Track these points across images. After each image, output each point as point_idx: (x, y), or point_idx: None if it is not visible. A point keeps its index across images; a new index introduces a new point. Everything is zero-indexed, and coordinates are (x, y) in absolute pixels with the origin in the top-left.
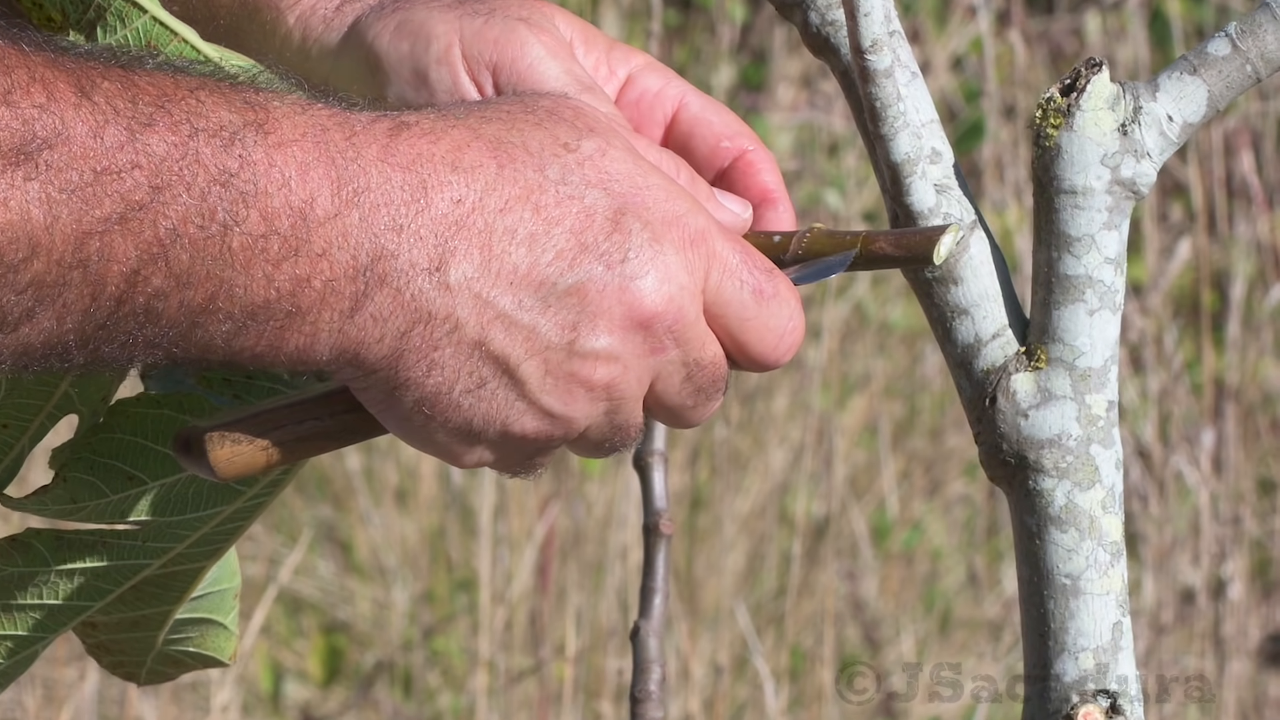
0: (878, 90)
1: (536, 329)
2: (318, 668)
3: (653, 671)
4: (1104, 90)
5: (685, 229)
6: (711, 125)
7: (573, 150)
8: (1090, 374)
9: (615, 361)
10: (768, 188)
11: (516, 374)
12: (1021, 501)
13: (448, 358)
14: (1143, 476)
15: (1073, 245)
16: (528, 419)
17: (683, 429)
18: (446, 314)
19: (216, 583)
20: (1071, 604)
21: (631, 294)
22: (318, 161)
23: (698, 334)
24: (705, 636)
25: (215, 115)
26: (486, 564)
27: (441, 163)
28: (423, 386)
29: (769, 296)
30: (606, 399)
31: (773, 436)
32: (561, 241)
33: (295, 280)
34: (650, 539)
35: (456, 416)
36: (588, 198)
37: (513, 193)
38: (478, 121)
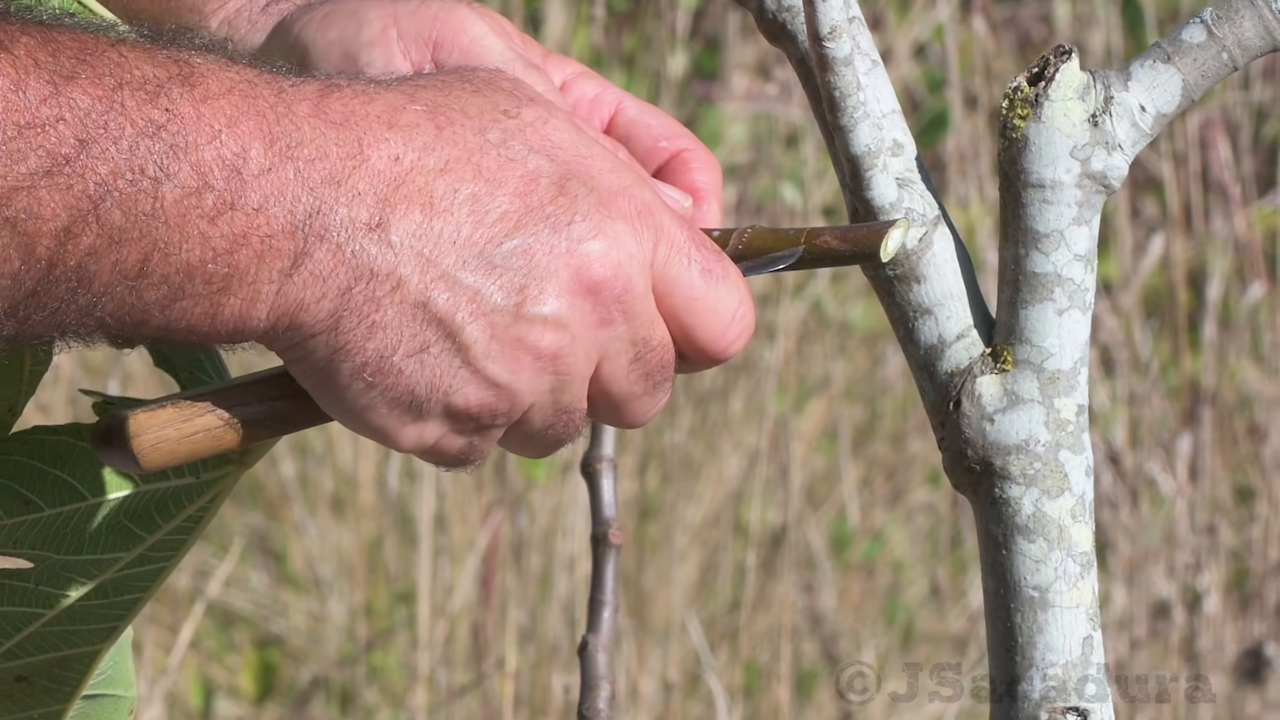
0: (836, 79)
1: (481, 291)
2: (250, 684)
3: (601, 689)
4: (1073, 79)
5: (633, 200)
6: (650, 127)
7: (513, 117)
8: (1059, 376)
9: (563, 329)
10: (696, 185)
11: (460, 337)
12: (987, 510)
13: (390, 318)
14: (1114, 484)
15: (1041, 242)
16: (471, 389)
17: (626, 428)
18: (389, 271)
19: (110, 684)
20: (1040, 617)
21: (579, 257)
22: (247, 115)
23: (646, 309)
24: (656, 652)
25: (139, 69)
26: (426, 575)
27: (377, 121)
28: (363, 350)
29: (718, 276)
30: (553, 371)
31: (727, 442)
32: (505, 203)
33: (231, 238)
34: (598, 549)
35: (398, 384)
36: (531, 162)
37: (453, 154)
38: (412, 87)
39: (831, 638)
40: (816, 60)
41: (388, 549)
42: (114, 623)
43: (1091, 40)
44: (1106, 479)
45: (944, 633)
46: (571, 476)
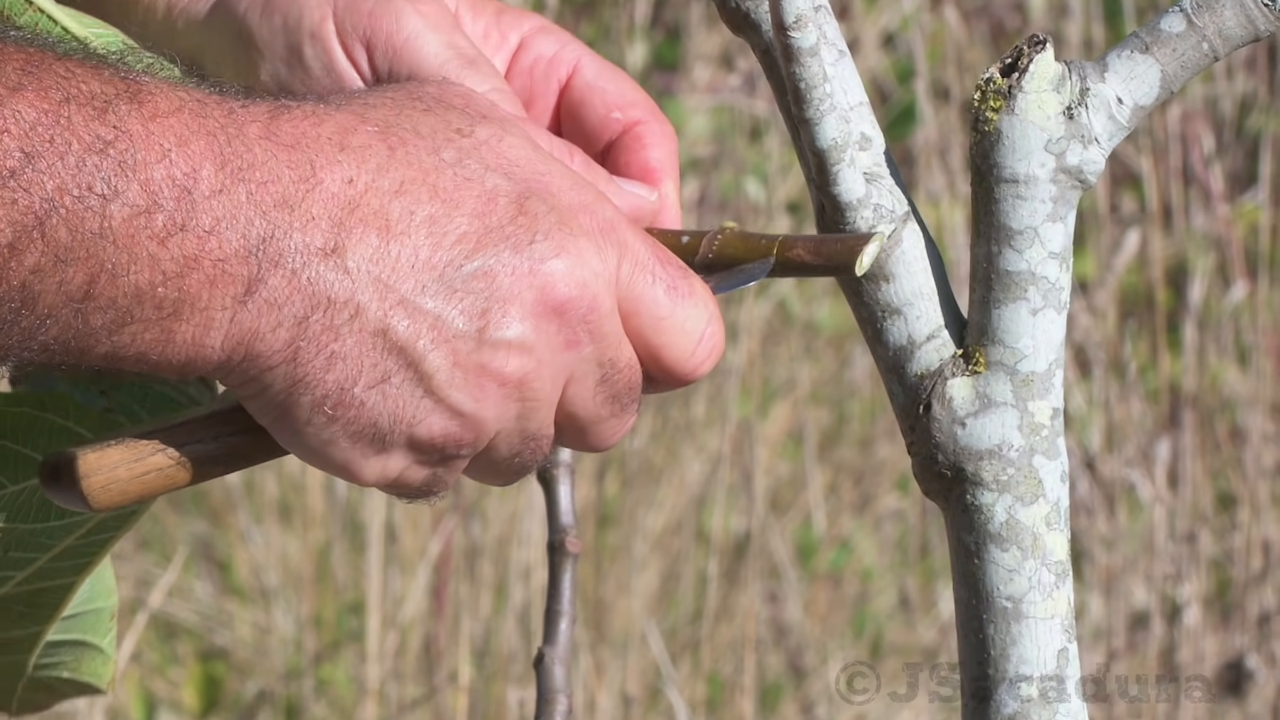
0: (802, 70)
1: (442, 316)
2: (194, 698)
3: (558, 702)
4: (1048, 70)
5: (594, 216)
6: (604, 94)
7: (467, 135)
8: (1033, 379)
9: (529, 353)
10: (650, 165)
11: (422, 365)
12: (959, 517)
13: (349, 348)
14: (1091, 490)
15: (1014, 239)
16: (435, 418)
17: (591, 451)
18: (346, 298)
19: (90, 600)
20: (1013, 629)
21: (543, 277)
22: (197, 135)
23: (613, 329)
24: (615, 664)
25: (86, 84)
26: (376, 585)
27: (328, 143)
28: (323, 383)
29: (684, 295)
30: (519, 398)
31: (688, 446)
32: (464, 224)
33: (182, 261)
34: (555, 558)
35: (360, 416)
36: (488, 180)
37: (407, 174)
38: (361, 107)
39: (797, 649)
40: (781, 50)
41: (336, 558)
42: (90, 557)
43: (1067, 30)
44: (1082, 485)
45: (914, 644)
46: (527, 482)
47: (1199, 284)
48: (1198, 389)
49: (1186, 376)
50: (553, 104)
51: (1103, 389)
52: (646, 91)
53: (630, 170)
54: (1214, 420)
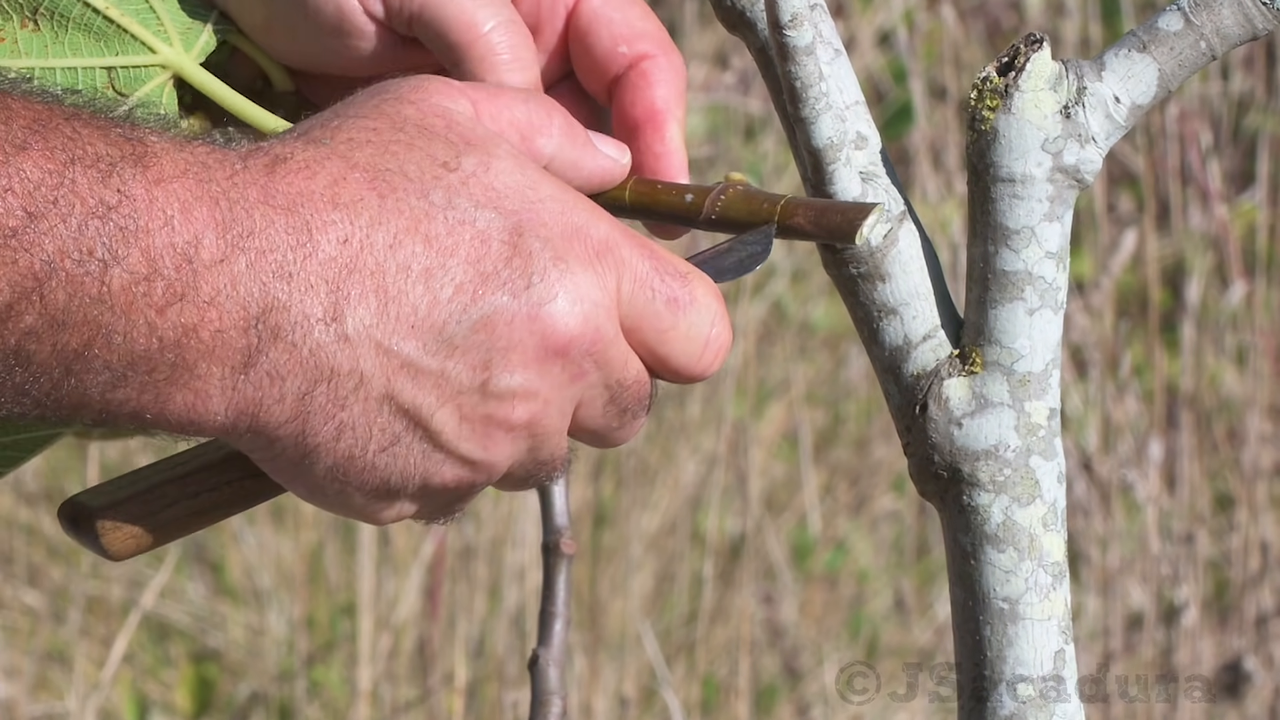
0: (798, 69)
1: (446, 374)
2: (186, 699)
3: (553, 704)
4: (1045, 69)
5: (589, 240)
6: (611, 24)
7: (454, 170)
8: (1030, 379)
9: (534, 397)
10: (655, 105)
11: (430, 425)
12: (955, 518)
13: (357, 416)
14: (1087, 491)
15: (1011, 238)
16: (447, 469)
17: (606, 449)
18: (350, 368)
19: None
20: (1010, 630)
21: (543, 321)
22: (200, 201)
23: (619, 353)
24: (609, 666)
25: (92, 146)
26: (369, 586)
27: (322, 200)
28: (334, 451)
29: (685, 304)
30: (529, 436)
31: (683, 447)
32: (459, 273)
33: (181, 329)
34: (550, 559)
35: (372, 477)
36: (480, 220)
37: (400, 225)
38: (347, 147)
39: (792, 651)
40: (777, 49)
41: (329, 559)
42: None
43: (1064, 28)
44: (1079, 486)
45: (910, 646)
46: None
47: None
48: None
49: (1184, 377)
50: (560, 30)
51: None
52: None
53: (635, 110)
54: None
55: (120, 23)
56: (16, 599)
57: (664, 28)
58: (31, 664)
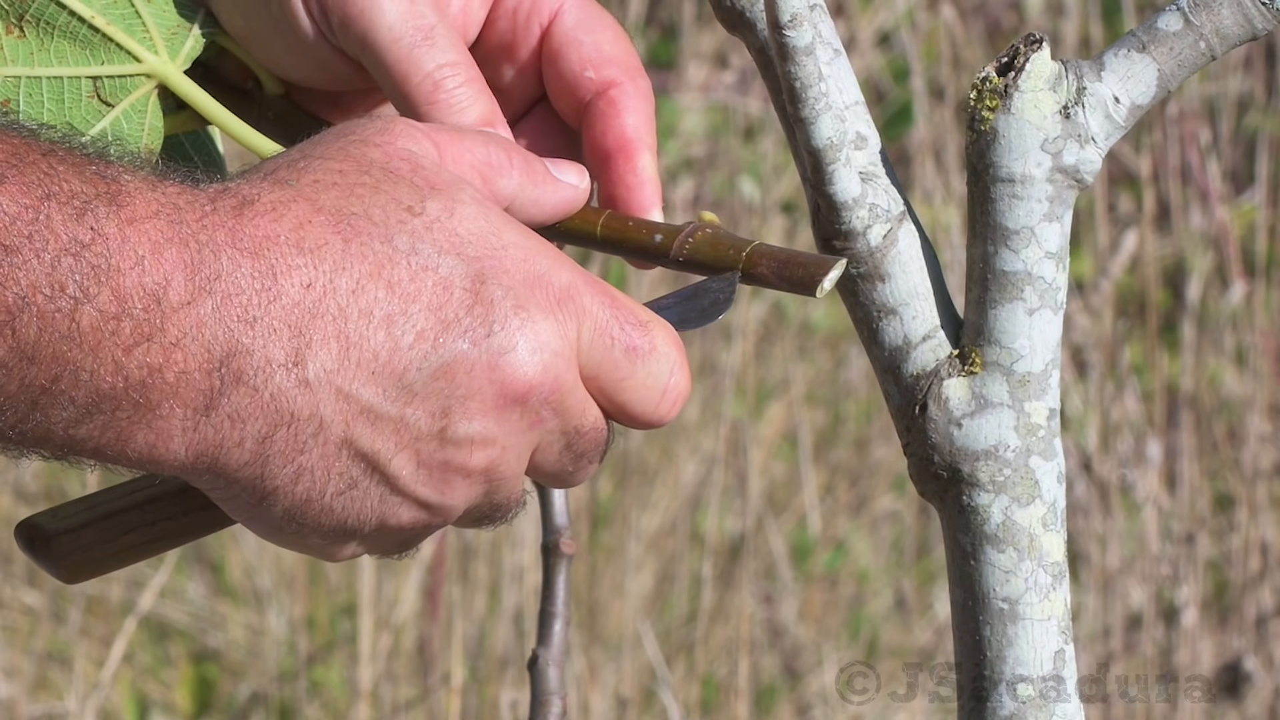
0: (797, 69)
1: (405, 420)
2: (186, 700)
3: (552, 705)
4: (1044, 69)
5: (550, 288)
6: (580, 48)
7: (418, 214)
8: (1030, 379)
9: (492, 444)
10: (625, 135)
11: (388, 470)
12: (955, 519)
13: (315, 461)
14: (1087, 491)
15: (1010, 238)
16: (404, 511)
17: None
18: (310, 413)
19: None
20: (1009, 630)
21: (502, 370)
22: (171, 242)
23: (577, 401)
24: (609, 666)
25: (68, 183)
26: (369, 587)
27: (287, 244)
28: (292, 494)
29: (644, 354)
30: (485, 481)
31: (683, 447)
32: (421, 320)
33: (147, 369)
34: (550, 559)
35: (330, 520)
36: (442, 267)
37: (363, 270)
38: (313, 189)
39: (792, 651)
40: (776, 49)
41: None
42: None
43: (1064, 28)
44: (1079, 486)
45: (910, 646)
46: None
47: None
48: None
49: (1184, 377)
50: (534, 49)
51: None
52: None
53: (606, 140)
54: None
55: (106, 31)
56: (16, 599)
57: (635, 53)
58: (31, 664)
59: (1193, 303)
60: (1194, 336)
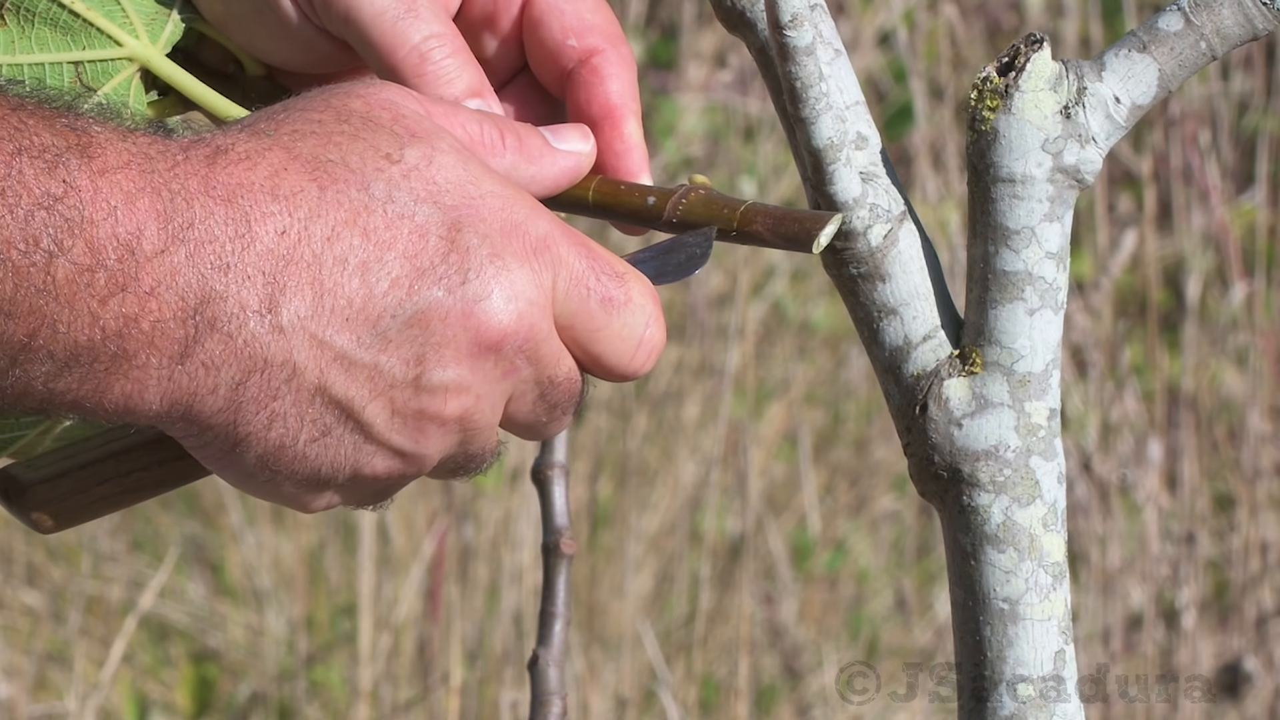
0: (798, 69)
1: (379, 367)
2: (186, 700)
3: (553, 704)
4: (1045, 69)
5: (526, 237)
6: (561, 16)
7: (396, 161)
8: (1030, 379)
9: (466, 392)
10: (610, 101)
11: (362, 416)
12: (955, 519)
13: (288, 407)
14: (1087, 491)
15: (1011, 238)
16: (378, 460)
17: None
18: (283, 359)
19: None
20: (1010, 630)
21: (477, 318)
22: (143, 191)
23: (551, 350)
24: (609, 666)
25: (38, 136)
26: (369, 587)
27: (261, 191)
28: (265, 441)
29: (620, 304)
30: (460, 430)
31: (683, 448)
32: (396, 268)
33: (123, 319)
34: (550, 559)
35: (303, 467)
36: (419, 215)
37: (338, 217)
38: (290, 138)
39: (792, 651)
40: (777, 49)
41: (329, 559)
42: None
43: (1064, 29)
44: (1079, 486)
45: (910, 646)
46: (521, 484)
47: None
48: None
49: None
50: (515, 19)
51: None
52: (641, 90)
53: (591, 108)
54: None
55: (86, 16)
56: (16, 599)
57: (615, 20)
58: (31, 664)
59: (1193, 302)
60: (1194, 336)
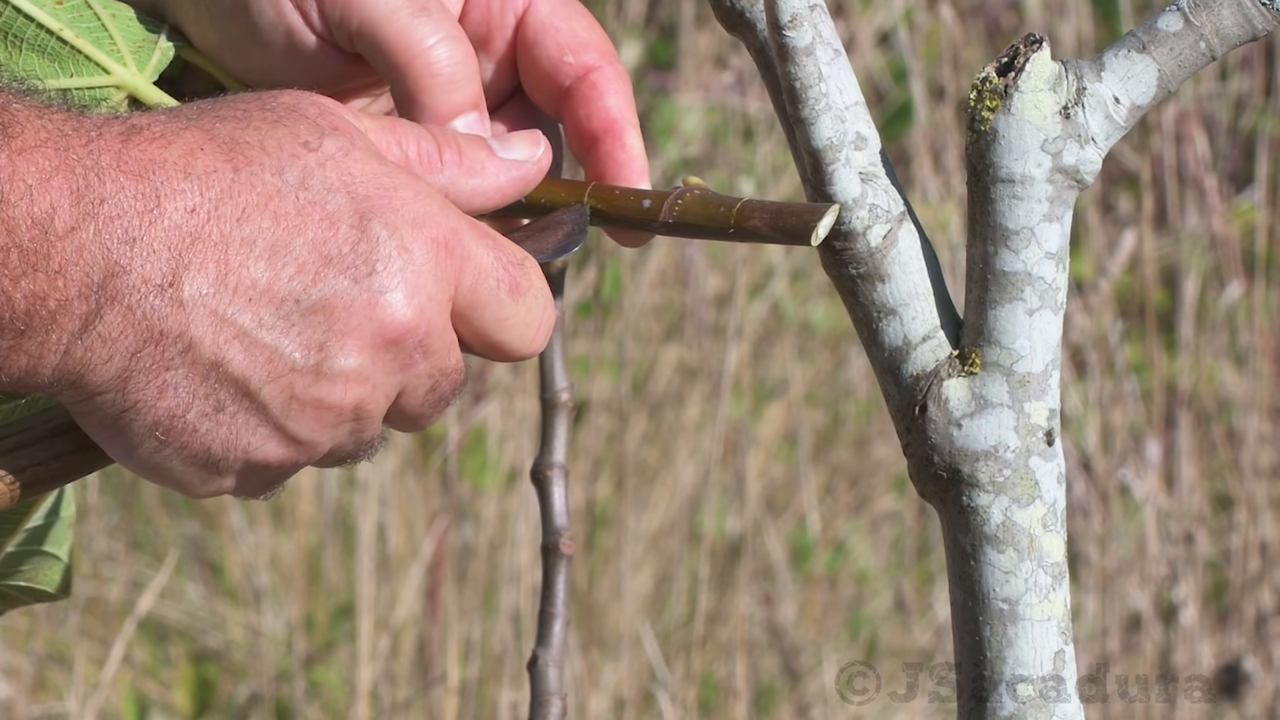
0: (797, 70)
1: (279, 350)
2: (186, 700)
3: (552, 705)
4: (1045, 69)
5: (435, 231)
6: (557, 34)
7: (313, 149)
8: (1030, 380)
9: (365, 382)
10: (610, 115)
11: (258, 398)
12: (955, 519)
13: (181, 379)
14: (1086, 491)
15: (1010, 239)
16: (271, 445)
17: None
18: (179, 332)
19: (51, 512)
20: (1009, 631)
21: (381, 309)
22: (58, 170)
23: (445, 343)
24: (608, 667)
25: None
26: (369, 587)
27: (174, 169)
28: (154, 410)
29: (524, 290)
30: (354, 418)
31: (682, 448)
32: (304, 253)
33: (32, 298)
34: (549, 560)
35: (193, 442)
36: (330, 203)
37: (250, 199)
38: (211, 121)
39: (792, 652)
40: (776, 50)
41: (328, 559)
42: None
43: (1063, 29)
44: (1079, 486)
45: (910, 646)
46: (520, 484)
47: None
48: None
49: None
50: (509, 42)
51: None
52: (641, 90)
53: (591, 122)
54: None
55: (74, 44)
56: None
57: (608, 38)
58: (31, 664)
59: (1190, 302)
60: (1192, 336)
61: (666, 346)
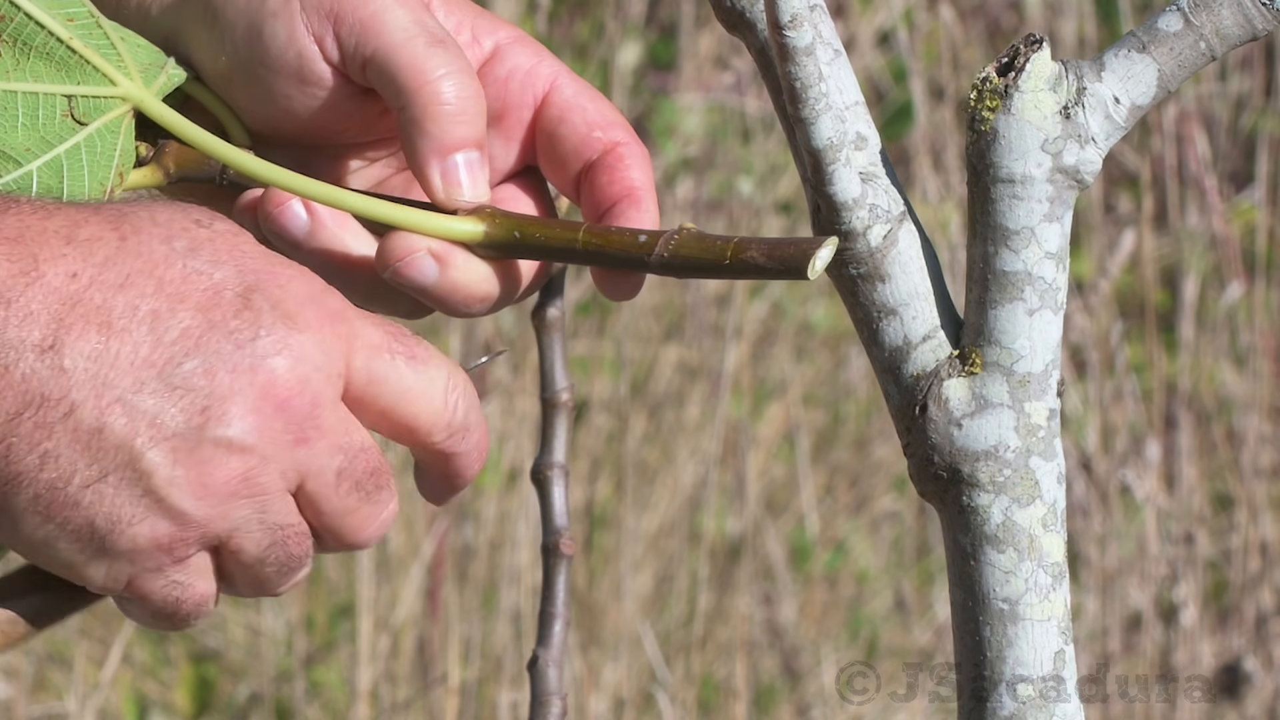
0: (797, 70)
1: (161, 414)
2: (186, 700)
3: (552, 705)
4: (1045, 69)
5: (322, 307)
6: (585, 112)
7: (204, 226)
8: (1030, 379)
9: (250, 452)
10: (633, 184)
11: (140, 464)
12: (955, 519)
13: (63, 446)
14: (1087, 491)
15: (1011, 239)
16: (156, 518)
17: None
18: (60, 396)
19: None
20: (1009, 631)
21: (264, 374)
22: None
23: (338, 419)
24: (608, 667)
25: None
26: (368, 587)
27: (55, 236)
28: (36, 481)
29: (423, 361)
30: (246, 495)
31: (682, 448)
32: (187, 319)
33: None
34: (549, 560)
35: (75, 516)
36: (216, 274)
37: (135, 266)
38: (95, 205)
39: (792, 652)
40: (776, 50)
41: (328, 559)
42: None
43: (1063, 29)
44: (1079, 486)
45: (910, 646)
46: (520, 484)
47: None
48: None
49: (1183, 377)
50: (527, 118)
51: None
52: (641, 90)
53: (613, 188)
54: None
55: (83, 53)
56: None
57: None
58: (31, 664)
59: (1191, 302)
60: (1192, 336)
61: (666, 346)
